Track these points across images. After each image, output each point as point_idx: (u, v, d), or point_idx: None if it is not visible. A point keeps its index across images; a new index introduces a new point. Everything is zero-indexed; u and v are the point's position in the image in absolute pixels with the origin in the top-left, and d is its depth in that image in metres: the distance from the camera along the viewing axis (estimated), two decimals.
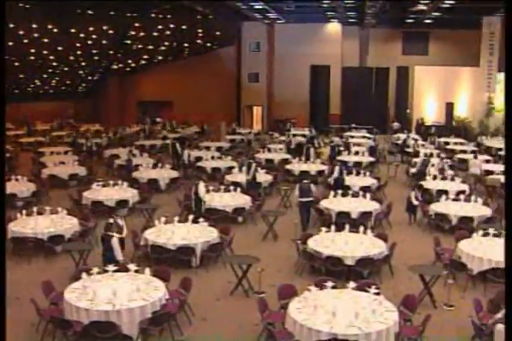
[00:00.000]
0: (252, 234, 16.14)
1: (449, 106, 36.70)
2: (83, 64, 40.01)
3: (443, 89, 37.04)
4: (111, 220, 12.63)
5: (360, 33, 38.68)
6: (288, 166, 23.50)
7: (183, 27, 34.70)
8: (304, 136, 31.69)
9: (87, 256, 13.12)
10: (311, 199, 16.57)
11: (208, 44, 41.16)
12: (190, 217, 14.75)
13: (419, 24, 36.44)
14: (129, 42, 36.58)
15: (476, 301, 10.30)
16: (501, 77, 36.39)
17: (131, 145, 28.72)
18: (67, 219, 15.15)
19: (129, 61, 42.87)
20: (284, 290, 10.58)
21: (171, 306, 10.23)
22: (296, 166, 23.31)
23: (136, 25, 32.96)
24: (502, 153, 28.09)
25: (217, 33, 38.52)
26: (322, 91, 38.26)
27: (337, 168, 19.86)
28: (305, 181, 16.97)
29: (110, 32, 33.37)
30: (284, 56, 38.99)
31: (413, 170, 21.81)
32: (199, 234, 13.79)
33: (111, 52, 38.49)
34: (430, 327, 9.57)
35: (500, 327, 7.75)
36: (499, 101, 36.64)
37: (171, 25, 34.18)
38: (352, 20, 37.12)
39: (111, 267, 10.87)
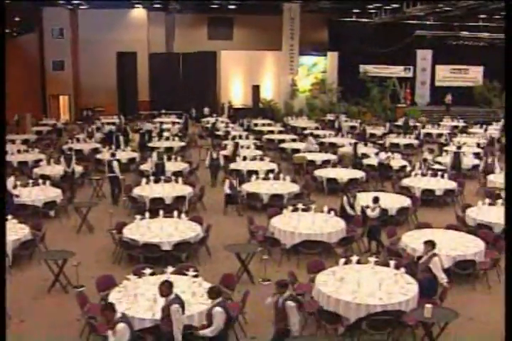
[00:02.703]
0: (65, 227, 15.69)
1: (256, 89, 37.87)
2: None
3: (249, 72, 38.17)
4: None
5: (166, 18, 38.56)
6: (98, 156, 23.01)
7: None
8: (113, 124, 31.14)
9: None
10: (115, 175, 18.05)
11: (7, 31, 38.84)
12: None
13: (223, 10, 37.11)
14: None
15: (291, 273, 10.92)
16: (302, 60, 38.32)
17: None
18: None
19: None
20: (103, 281, 10.42)
21: None
22: (107, 155, 22.85)
23: None
24: (306, 131, 29.69)
25: (16, 19, 36.45)
26: (130, 78, 37.67)
27: (155, 154, 20.02)
28: (111, 158, 18.36)
29: None
30: (90, 43, 37.79)
31: (225, 153, 22.23)
32: (9, 232, 13.12)
33: None
34: (250, 303, 9.95)
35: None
36: (301, 83, 38.62)
37: None
38: (157, 5, 37.03)
39: None
